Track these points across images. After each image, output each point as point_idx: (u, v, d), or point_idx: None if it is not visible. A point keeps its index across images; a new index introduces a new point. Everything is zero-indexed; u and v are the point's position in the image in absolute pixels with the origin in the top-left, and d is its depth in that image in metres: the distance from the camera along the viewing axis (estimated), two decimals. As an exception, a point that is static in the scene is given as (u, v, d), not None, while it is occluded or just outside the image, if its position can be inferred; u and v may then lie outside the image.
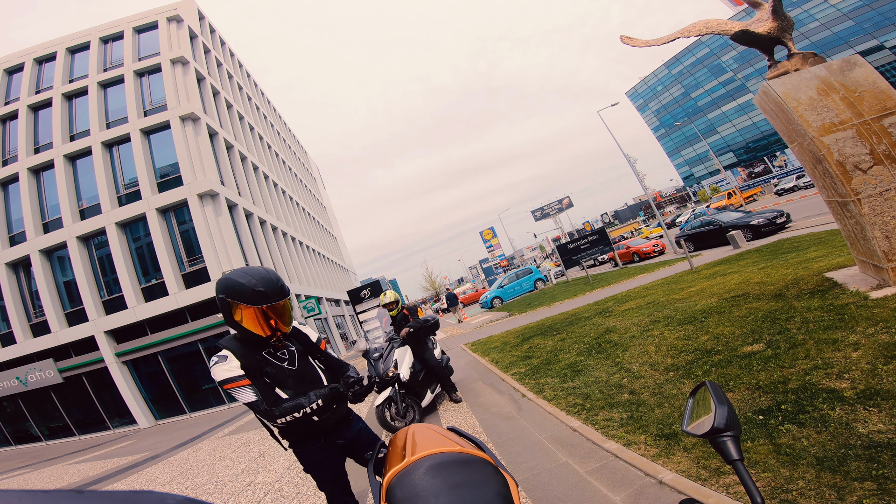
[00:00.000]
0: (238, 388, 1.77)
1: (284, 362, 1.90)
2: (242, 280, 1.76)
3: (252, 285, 1.74)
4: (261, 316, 1.79)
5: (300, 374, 1.91)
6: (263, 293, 1.75)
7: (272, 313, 1.81)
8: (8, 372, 15.29)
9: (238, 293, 1.75)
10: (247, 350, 1.82)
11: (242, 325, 1.79)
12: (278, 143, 29.49)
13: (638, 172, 25.17)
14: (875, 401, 2.26)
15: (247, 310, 1.77)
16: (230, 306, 1.78)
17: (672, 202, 68.42)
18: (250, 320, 1.79)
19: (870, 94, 3.91)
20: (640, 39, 5.08)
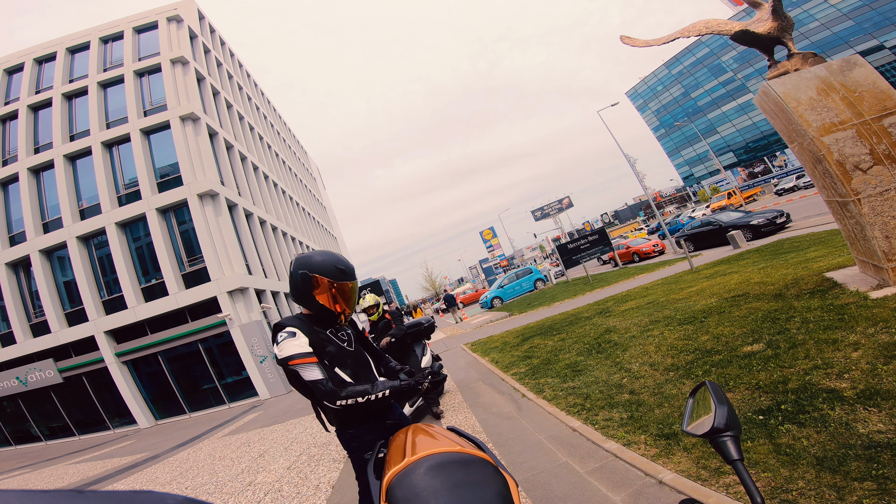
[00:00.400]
0: (305, 364, 1.80)
1: (345, 343, 1.99)
2: (325, 258, 1.90)
3: (334, 262, 1.89)
4: (338, 293, 1.90)
5: (356, 357, 2.00)
6: (343, 271, 1.89)
7: (347, 292, 1.93)
8: (8, 372, 15.29)
9: (322, 269, 1.87)
10: (312, 329, 1.89)
11: (318, 301, 1.89)
12: (278, 142, 29.49)
13: (638, 172, 25.19)
14: (875, 401, 2.26)
15: (328, 285, 1.88)
16: (310, 282, 1.86)
17: (672, 202, 68.41)
18: (328, 296, 1.89)
19: (870, 94, 3.91)
20: (639, 39, 5.08)
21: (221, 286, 14.03)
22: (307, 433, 6.34)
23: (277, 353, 1.82)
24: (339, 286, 1.89)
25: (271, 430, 7.58)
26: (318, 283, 1.87)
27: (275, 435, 7.02)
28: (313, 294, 1.88)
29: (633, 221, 66.04)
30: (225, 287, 14.01)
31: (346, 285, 1.92)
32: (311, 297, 1.88)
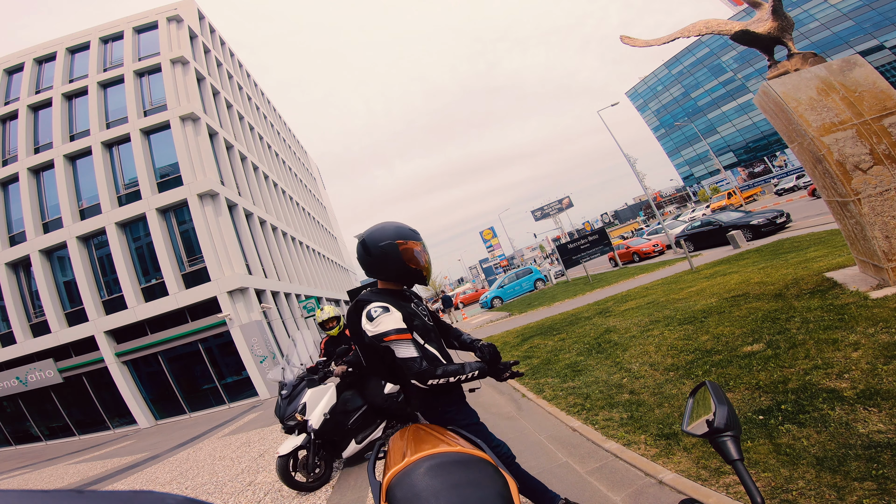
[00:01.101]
0: (401, 341, 1.71)
1: (426, 317, 1.93)
2: (394, 226, 1.87)
3: (403, 227, 1.88)
4: (421, 252, 1.88)
5: (437, 331, 1.97)
6: (415, 230, 1.91)
7: (424, 251, 1.91)
8: (8, 372, 15.28)
9: (401, 235, 1.84)
10: (399, 303, 1.82)
11: (410, 266, 1.84)
12: (278, 142, 29.49)
13: (638, 172, 25.20)
14: (875, 401, 2.26)
15: (416, 248, 1.85)
16: (398, 251, 1.81)
17: (672, 202, 68.42)
18: (417, 258, 1.86)
19: (870, 94, 3.91)
20: (640, 39, 5.08)
21: (221, 286, 14.03)
22: (307, 433, 6.34)
23: (370, 329, 1.72)
24: (421, 245, 1.88)
25: (271, 430, 7.58)
26: (404, 249, 1.82)
27: (275, 435, 7.02)
28: (404, 262, 1.82)
29: (633, 221, 66.04)
30: (225, 287, 14.01)
31: (421, 244, 1.90)
32: (402, 265, 1.82)
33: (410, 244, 1.84)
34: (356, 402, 4.24)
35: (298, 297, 20.56)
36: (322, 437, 3.93)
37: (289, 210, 25.10)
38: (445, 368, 1.72)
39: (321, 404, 3.99)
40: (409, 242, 1.84)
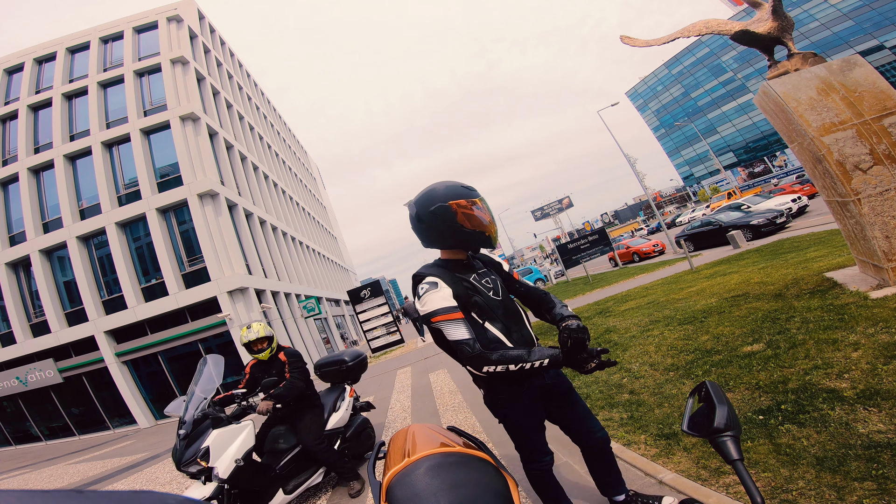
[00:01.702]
0: (450, 321, 1.54)
1: (490, 291, 1.68)
2: (444, 185, 1.64)
3: (454, 185, 1.64)
4: (482, 209, 1.64)
5: (506, 307, 1.70)
6: (468, 187, 1.65)
7: (484, 206, 1.65)
8: (8, 372, 15.29)
9: (453, 194, 1.60)
10: (453, 276, 1.62)
11: (467, 228, 1.60)
12: (278, 142, 29.50)
13: (638, 172, 25.20)
14: (875, 401, 2.26)
15: (473, 206, 1.60)
16: (451, 212, 1.59)
17: (672, 202, 68.44)
18: (477, 219, 1.61)
19: (870, 94, 3.91)
20: (639, 39, 5.07)
21: (221, 286, 14.04)
22: (307, 433, 6.34)
23: (420, 308, 1.59)
24: (478, 202, 1.62)
25: (271, 430, 7.57)
26: (458, 208, 1.59)
27: (275, 435, 7.02)
28: (459, 224, 1.59)
29: (633, 221, 66.08)
30: (225, 287, 14.02)
31: (479, 200, 1.63)
32: (458, 228, 1.60)
33: (465, 202, 1.59)
34: (289, 440, 3.49)
35: (298, 297, 20.56)
36: (238, 487, 3.08)
37: (289, 210, 25.11)
38: (503, 354, 1.48)
39: (232, 448, 3.04)
40: (464, 200, 1.60)
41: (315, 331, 21.54)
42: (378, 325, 16.32)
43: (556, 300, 1.73)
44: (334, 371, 4.20)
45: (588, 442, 1.82)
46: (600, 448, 1.83)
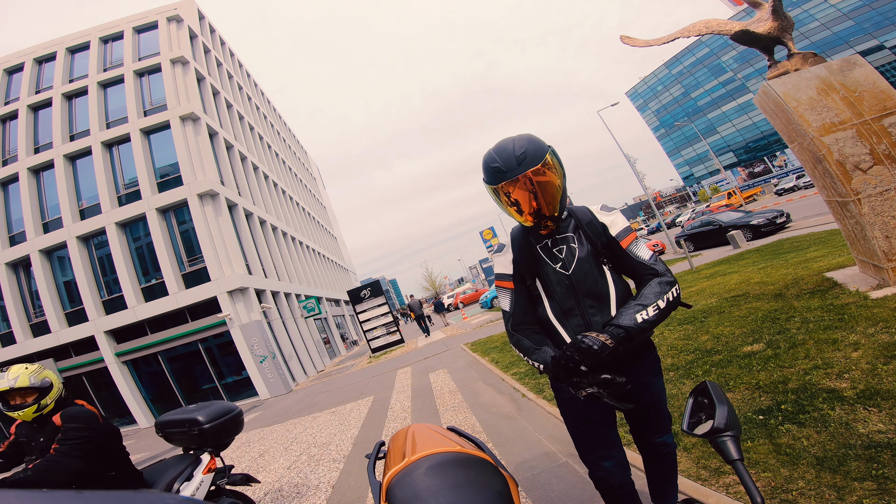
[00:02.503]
0: (500, 288, 1.51)
1: (559, 263, 1.44)
2: (487, 155, 1.41)
3: (489, 160, 1.38)
4: (506, 199, 1.39)
5: (573, 283, 1.41)
6: (498, 168, 1.35)
7: (513, 196, 1.37)
8: (8, 372, 15.28)
9: (484, 171, 1.41)
10: (525, 242, 1.49)
11: (506, 207, 1.42)
12: (278, 142, 29.50)
13: (638, 172, 25.21)
14: (875, 401, 2.26)
15: (494, 193, 1.41)
16: (491, 189, 1.43)
17: (672, 202, 68.46)
18: (506, 205, 1.41)
19: (870, 93, 3.91)
20: (640, 39, 5.07)
21: (221, 286, 14.04)
22: (307, 433, 6.34)
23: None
24: (502, 190, 1.37)
25: (271, 430, 7.58)
26: (493, 190, 1.41)
27: (275, 435, 7.03)
28: (499, 201, 1.43)
29: (633, 221, 66.04)
30: (225, 287, 14.02)
31: (506, 188, 1.36)
32: (500, 204, 1.44)
33: (492, 189, 1.42)
34: None
35: (298, 297, 20.56)
36: None
37: (289, 210, 25.11)
38: (520, 341, 1.42)
39: None
40: (491, 189, 1.43)
41: (315, 331, 21.54)
42: (378, 325, 16.32)
43: (653, 291, 1.29)
44: (182, 434, 2.88)
45: (651, 454, 1.56)
46: (662, 460, 1.57)
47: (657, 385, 1.48)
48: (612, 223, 1.44)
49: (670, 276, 1.32)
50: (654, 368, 1.49)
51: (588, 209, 1.49)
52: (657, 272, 1.35)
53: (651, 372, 1.48)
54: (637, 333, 1.22)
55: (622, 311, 1.27)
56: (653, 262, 1.37)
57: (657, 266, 1.36)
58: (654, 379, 1.47)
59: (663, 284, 1.30)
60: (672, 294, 1.28)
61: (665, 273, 1.34)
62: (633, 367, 1.43)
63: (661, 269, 1.35)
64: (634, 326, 1.22)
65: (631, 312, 1.25)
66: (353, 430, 5.62)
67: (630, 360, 1.44)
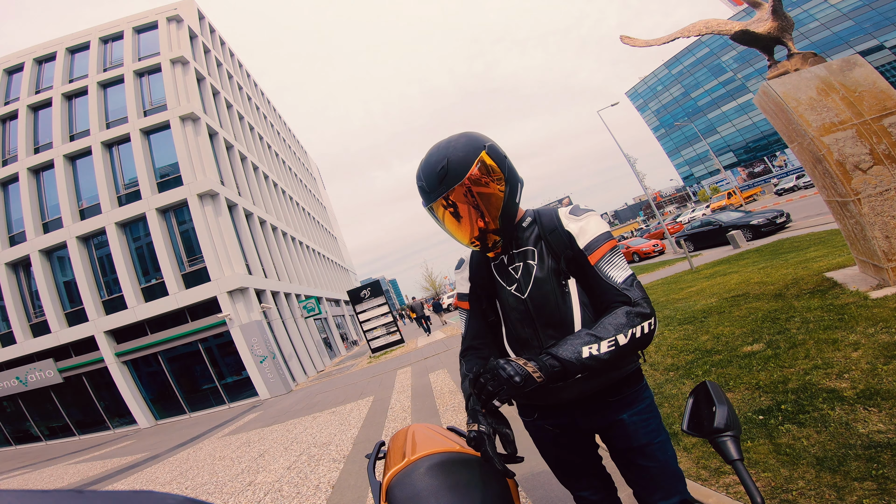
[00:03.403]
0: (459, 309, 1.32)
1: (513, 284, 1.18)
2: (422, 162, 1.13)
3: (416, 177, 1.12)
4: (439, 222, 1.15)
5: (529, 309, 1.15)
6: (422, 188, 1.11)
7: (450, 218, 1.11)
8: (8, 372, 15.29)
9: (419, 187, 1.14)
10: (481, 258, 1.27)
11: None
12: (278, 142, 29.50)
13: (638, 172, 25.19)
14: (875, 401, 2.26)
15: (433, 213, 1.14)
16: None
17: (672, 202, 68.47)
18: (447, 228, 1.15)
19: (870, 93, 3.91)
20: (640, 39, 5.07)
21: (221, 286, 14.04)
22: (307, 433, 6.34)
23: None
24: (434, 213, 1.13)
25: (271, 430, 7.58)
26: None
27: (275, 435, 7.03)
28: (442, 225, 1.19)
29: (633, 221, 66.10)
30: (225, 287, 14.02)
31: (436, 210, 1.11)
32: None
33: (426, 208, 1.16)
34: None
35: (298, 297, 20.56)
36: None
37: (289, 210, 25.10)
38: (461, 368, 1.24)
39: None
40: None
41: (315, 331, 21.54)
42: (378, 325, 16.32)
43: (615, 322, 0.98)
44: None
45: None
46: None
47: (646, 428, 1.13)
48: (581, 231, 1.12)
49: (645, 307, 1.01)
50: (641, 406, 1.15)
51: (555, 214, 1.18)
52: (628, 300, 1.03)
53: (635, 410, 1.14)
54: (577, 372, 0.94)
55: (568, 338, 0.97)
56: (625, 287, 1.05)
57: (631, 292, 1.04)
58: (638, 419, 1.14)
59: (632, 316, 0.99)
60: (641, 329, 0.98)
61: (639, 302, 1.02)
62: (607, 404, 1.15)
63: (636, 296, 1.03)
64: (575, 362, 0.93)
65: (577, 343, 0.95)
66: (353, 430, 5.62)
67: (601, 395, 1.15)
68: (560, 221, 1.16)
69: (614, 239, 1.12)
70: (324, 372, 17.88)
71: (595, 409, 1.17)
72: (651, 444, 1.13)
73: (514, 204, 1.13)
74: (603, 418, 1.17)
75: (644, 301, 1.03)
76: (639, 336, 0.98)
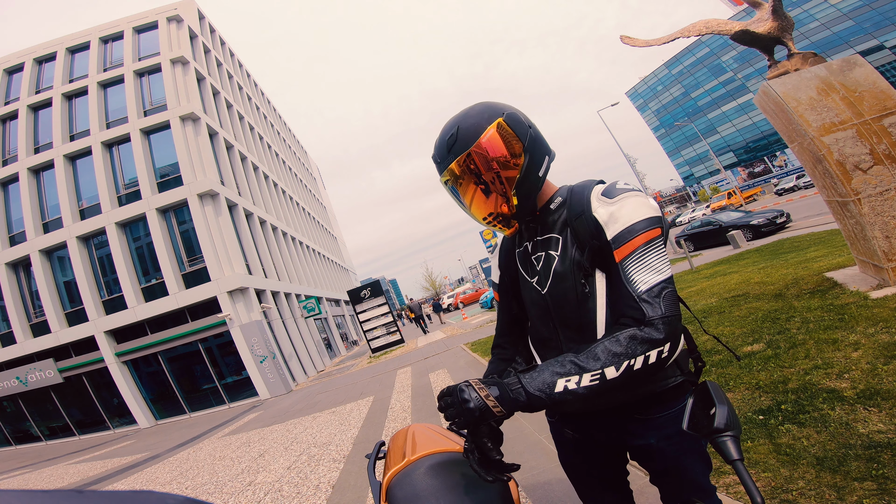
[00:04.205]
0: (495, 300, 1.23)
1: (534, 276, 1.05)
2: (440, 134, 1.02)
3: (438, 137, 1.01)
4: (454, 197, 1.03)
5: (548, 304, 1.02)
6: (434, 159, 1.01)
7: (463, 190, 0.99)
8: (8, 372, 15.29)
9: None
10: (509, 245, 1.15)
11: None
12: (278, 142, 29.50)
13: (638, 172, 25.20)
14: (875, 401, 2.26)
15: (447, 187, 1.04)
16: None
17: (672, 202, 68.46)
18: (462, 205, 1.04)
19: (870, 93, 3.91)
20: (640, 39, 5.07)
21: (221, 286, 14.04)
22: (307, 433, 6.34)
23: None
24: (447, 187, 1.02)
25: (271, 430, 7.58)
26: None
27: (275, 435, 7.03)
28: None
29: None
30: (225, 287, 14.02)
31: (450, 183, 1.00)
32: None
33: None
34: None
35: (298, 297, 20.56)
36: None
37: (289, 210, 25.11)
38: (487, 368, 1.18)
39: None
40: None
41: (315, 331, 21.54)
42: (378, 325, 16.32)
43: (611, 350, 0.82)
44: None
45: None
46: None
47: (681, 461, 0.97)
48: (611, 218, 0.91)
49: (659, 330, 0.82)
50: (673, 430, 0.96)
51: (586, 193, 0.98)
52: (642, 317, 0.83)
53: (666, 433, 0.97)
54: (546, 407, 0.82)
55: (549, 363, 0.83)
56: (646, 298, 0.84)
57: (649, 307, 0.83)
58: (668, 448, 0.96)
59: (635, 342, 0.81)
60: (644, 360, 0.81)
61: (654, 323, 0.82)
62: (633, 421, 0.99)
63: (653, 313, 0.83)
64: (544, 398, 0.80)
65: (553, 372, 0.81)
66: (353, 430, 5.62)
67: (625, 410, 0.99)
68: (589, 205, 0.96)
69: (657, 228, 0.89)
70: (324, 372, 17.88)
71: (615, 425, 1.01)
72: (685, 478, 0.98)
73: (535, 179, 0.96)
74: (627, 437, 1.00)
75: (662, 322, 0.82)
76: (638, 368, 0.81)
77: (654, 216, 0.90)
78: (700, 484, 0.98)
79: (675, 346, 0.84)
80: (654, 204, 0.91)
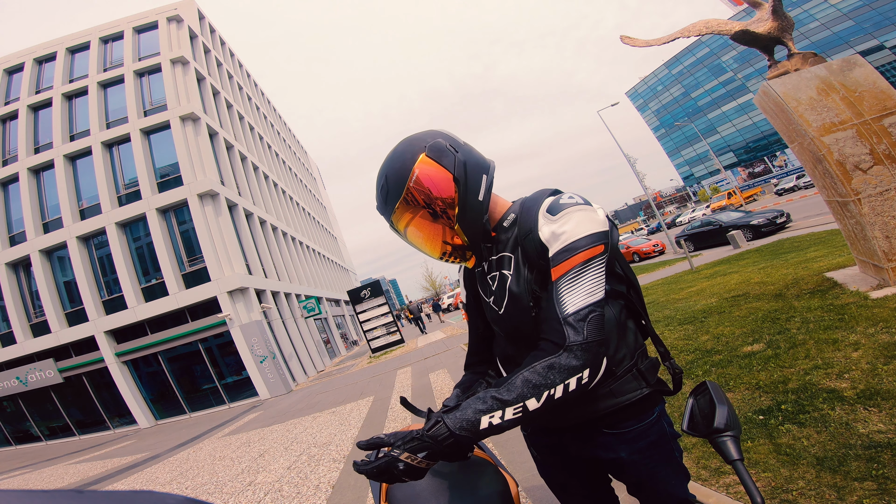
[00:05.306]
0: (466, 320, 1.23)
1: (491, 297, 1.02)
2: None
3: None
4: (409, 243, 1.02)
5: (506, 324, 1.00)
6: (378, 210, 0.99)
7: (410, 233, 0.97)
8: (8, 372, 15.29)
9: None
10: (475, 267, 1.09)
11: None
12: (278, 142, 29.50)
13: (638, 172, 25.19)
14: (875, 401, 2.26)
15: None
16: None
17: (672, 202, 68.47)
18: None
19: (870, 93, 3.91)
20: (640, 39, 5.07)
21: (221, 286, 14.04)
22: (307, 433, 6.34)
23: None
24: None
25: (271, 430, 7.58)
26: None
27: (275, 435, 7.03)
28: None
29: (634, 221, 66.10)
30: (225, 287, 14.02)
31: (392, 224, 0.99)
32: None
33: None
34: None
35: (298, 297, 20.56)
36: None
37: (289, 210, 25.11)
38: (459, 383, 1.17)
39: None
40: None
41: (315, 331, 21.54)
42: (378, 325, 16.32)
43: (529, 380, 0.78)
44: None
45: None
46: None
47: (654, 474, 0.97)
48: (552, 237, 0.87)
49: (576, 357, 0.78)
50: (644, 444, 0.96)
51: (534, 210, 0.94)
52: (562, 342, 0.80)
53: (637, 447, 0.96)
54: (472, 443, 0.79)
55: (471, 401, 0.80)
56: (570, 321, 0.80)
57: (571, 331, 0.80)
58: (641, 460, 0.96)
59: (553, 372, 0.78)
60: (564, 389, 0.78)
61: (572, 348, 0.79)
62: (602, 435, 0.97)
63: (575, 338, 0.79)
64: (463, 434, 0.77)
65: (477, 410, 0.78)
66: (353, 430, 5.62)
67: (594, 423, 0.97)
68: (536, 223, 0.91)
69: (599, 245, 0.84)
70: (324, 372, 17.88)
71: (587, 437, 0.99)
72: (660, 490, 0.97)
73: (475, 205, 0.92)
74: (597, 450, 0.99)
75: (580, 348, 0.78)
76: (559, 396, 0.78)
77: (598, 231, 0.86)
78: (676, 495, 0.97)
79: (596, 372, 0.81)
80: (600, 217, 0.88)
